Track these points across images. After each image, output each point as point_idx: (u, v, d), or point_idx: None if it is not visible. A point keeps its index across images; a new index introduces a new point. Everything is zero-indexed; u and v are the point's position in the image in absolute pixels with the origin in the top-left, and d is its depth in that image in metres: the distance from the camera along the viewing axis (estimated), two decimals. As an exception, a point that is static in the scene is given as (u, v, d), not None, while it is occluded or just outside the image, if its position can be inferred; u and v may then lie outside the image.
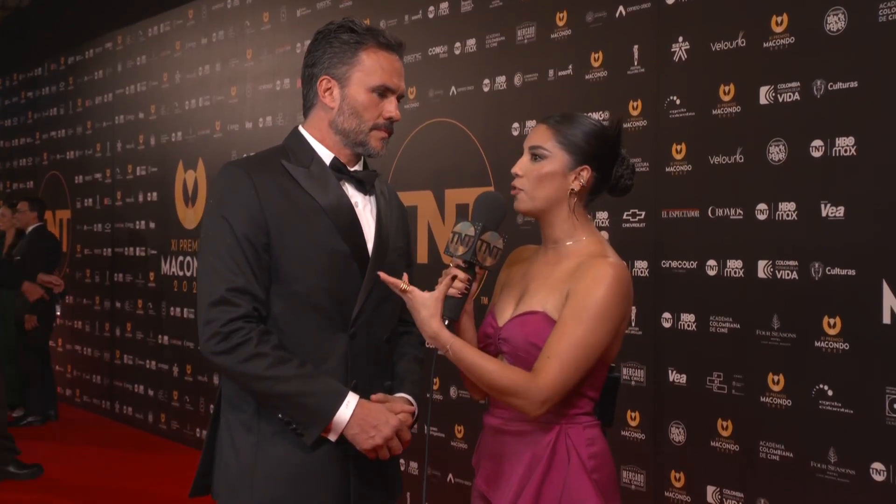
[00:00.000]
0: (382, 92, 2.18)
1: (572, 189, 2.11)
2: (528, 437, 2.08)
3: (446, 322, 2.08)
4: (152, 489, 5.66)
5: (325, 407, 2.05)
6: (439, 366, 2.17)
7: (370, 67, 2.17)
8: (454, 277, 2.05)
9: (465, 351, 2.01)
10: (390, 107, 2.19)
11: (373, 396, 2.13)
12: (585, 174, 2.11)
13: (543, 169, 2.10)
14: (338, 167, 2.19)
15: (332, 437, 2.08)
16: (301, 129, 2.24)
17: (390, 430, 2.08)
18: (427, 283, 2.35)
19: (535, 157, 2.12)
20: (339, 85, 2.17)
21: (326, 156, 2.19)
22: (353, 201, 2.19)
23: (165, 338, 6.77)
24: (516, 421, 2.10)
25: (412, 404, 2.21)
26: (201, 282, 2.10)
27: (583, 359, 1.99)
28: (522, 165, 2.13)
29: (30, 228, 7.70)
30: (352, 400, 2.06)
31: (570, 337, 1.98)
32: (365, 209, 2.21)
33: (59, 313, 7.92)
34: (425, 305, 2.02)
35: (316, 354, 2.10)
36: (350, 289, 2.13)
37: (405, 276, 2.09)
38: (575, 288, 2.02)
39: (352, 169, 2.21)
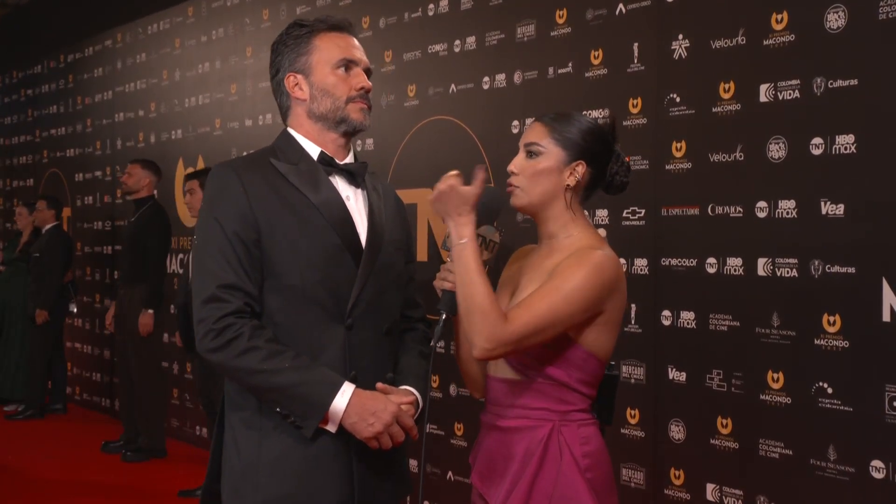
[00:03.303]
0: (346, 66, 2.20)
1: (567, 185, 2.12)
2: (522, 434, 2.09)
3: (444, 316, 2.08)
4: (152, 486, 5.67)
5: (321, 397, 2.04)
6: (438, 364, 2.17)
7: (327, 48, 2.21)
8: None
9: (473, 255, 2.00)
10: (358, 78, 2.21)
11: (378, 385, 2.12)
12: (580, 170, 2.12)
13: (539, 165, 2.12)
14: (327, 161, 2.20)
15: (332, 428, 2.08)
16: (288, 128, 2.27)
17: (389, 416, 2.07)
18: (428, 281, 2.35)
19: (531, 153, 2.13)
20: (304, 75, 2.21)
21: (314, 151, 2.21)
22: (343, 195, 2.20)
23: (165, 335, 6.77)
24: (511, 418, 2.11)
25: (414, 395, 2.19)
26: (194, 282, 2.13)
27: (547, 323, 1.99)
28: (518, 163, 2.15)
29: (46, 227, 7.80)
30: (347, 389, 2.06)
31: (544, 299, 1.99)
32: (357, 202, 2.22)
33: (75, 310, 7.99)
34: (466, 193, 2.03)
35: (313, 347, 2.11)
36: (345, 281, 2.14)
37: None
38: (558, 267, 2.04)
39: (341, 162, 2.22)
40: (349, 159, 2.25)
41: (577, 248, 2.09)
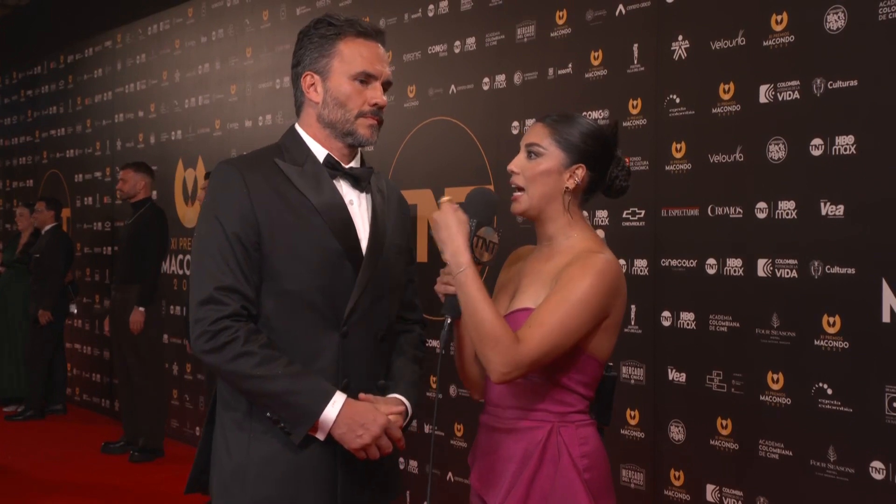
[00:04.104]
0: (364, 79, 2.17)
1: (567, 187, 2.11)
2: (521, 435, 2.09)
3: (448, 321, 2.08)
4: (151, 487, 5.67)
5: (312, 406, 2.04)
6: (436, 364, 2.17)
7: (349, 56, 2.17)
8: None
9: (474, 282, 2.00)
10: (374, 93, 2.17)
11: (361, 396, 2.12)
12: (580, 172, 2.12)
13: (539, 167, 2.11)
14: (332, 164, 2.19)
15: (321, 437, 2.07)
16: (297, 126, 2.25)
17: (378, 428, 2.06)
18: (428, 282, 2.35)
19: (531, 154, 2.13)
20: (322, 78, 2.18)
21: (320, 153, 2.19)
22: (347, 199, 2.18)
23: (165, 336, 6.77)
24: (509, 419, 2.11)
25: (404, 404, 2.19)
26: (192, 281, 2.11)
27: (560, 338, 1.99)
28: (518, 163, 2.14)
29: (46, 228, 7.82)
30: (338, 399, 2.05)
31: (554, 314, 1.99)
32: (360, 207, 2.21)
33: (74, 311, 8.01)
34: (461, 221, 2.04)
35: (307, 353, 2.10)
36: (343, 287, 2.13)
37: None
38: (562, 275, 2.04)
39: (347, 166, 2.21)
40: (355, 163, 2.24)
41: (578, 251, 2.09)
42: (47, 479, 5.85)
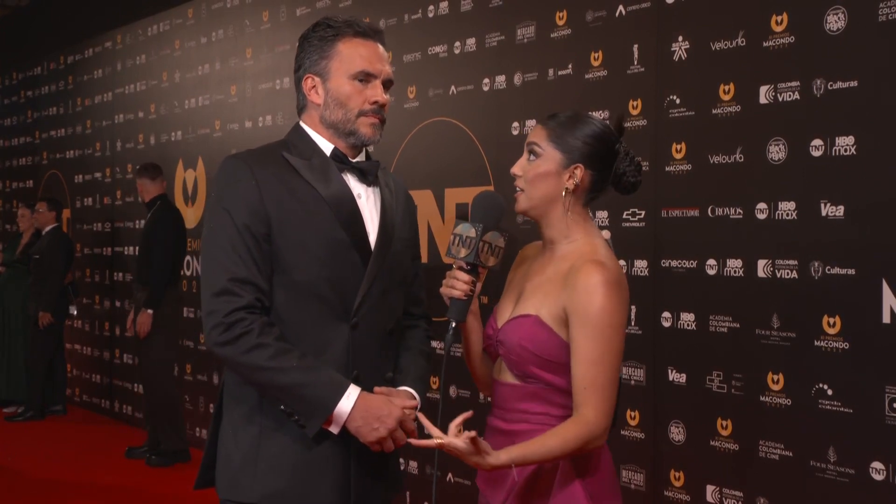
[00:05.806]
0: (364, 78, 2.18)
1: (567, 188, 2.10)
2: (522, 437, 2.08)
3: (453, 324, 2.07)
4: (152, 487, 5.67)
5: (326, 398, 2.05)
6: (438, 366, 2.17)
7: (348, 56, 2.18)
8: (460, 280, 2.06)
9: (525, 453, 1.98)
10: (374, 91, 2.18)
11: (376, 389, 2.12)
12: (579, 173, 2.10)
13: (538, 168, 2.11)
14: (339, 157, 2.20)
15: (335, 430, 2.08)
16: (301, 123, 2.26)
17: (394, 421, 2.07)
18: (427, 282, 2.34)
19: (531, 155, 2.13)
20: (322, 80, 2.19)
21: (327, 147, 2.21)
22: (355, 192, 2.19)
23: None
24: (513, 421, 2.11)
25: (415, 398, 2.20)
26: (204, 273, 2.11)
27: (611, 371, 2.00)
28: (520, 165, 2.15)
29: (47, 229, 7.82)
30: (353, 392, 2.06)
31: (591, 357, 1.98)
32: (368, 200, 2.22)
33: (74, 312, 8.00)
34: (472, 452, 1.95)
35: (317, 344, 2.11)
36: (352, 279, 2.13)
37: (436, 430, 1.99)
38: (572, 304, 2.01)
39: (353, 160, 2.22)
40: (361, 157, 2.25)
41: (576, 256, 2.07)
42: (47, 479, 5.85)
